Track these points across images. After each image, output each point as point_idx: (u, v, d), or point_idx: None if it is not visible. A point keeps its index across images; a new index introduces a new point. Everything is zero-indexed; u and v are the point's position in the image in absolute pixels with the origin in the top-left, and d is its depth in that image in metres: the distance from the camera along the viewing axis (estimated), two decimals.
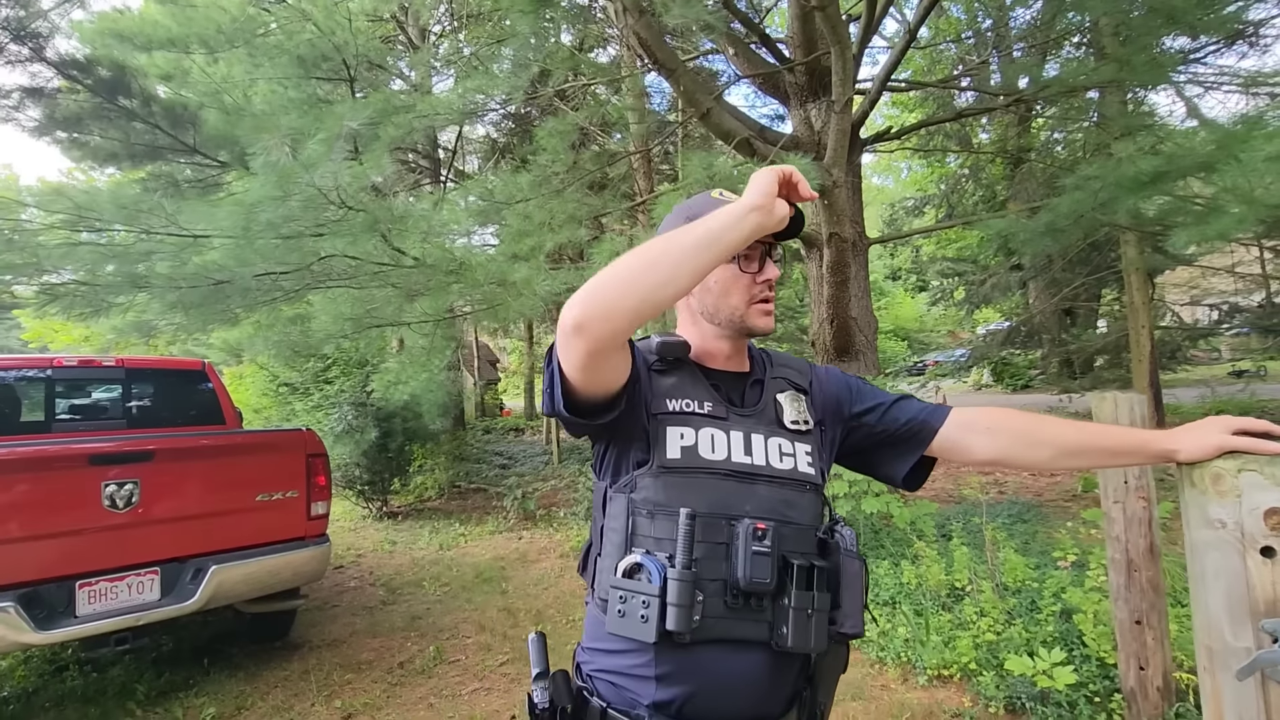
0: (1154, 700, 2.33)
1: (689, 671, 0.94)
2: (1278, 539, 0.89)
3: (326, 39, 7.00)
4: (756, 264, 1.05)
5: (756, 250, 1.05)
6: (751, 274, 1.05)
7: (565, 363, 0.89)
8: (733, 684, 0.95)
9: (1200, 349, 14.47)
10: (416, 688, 3.32)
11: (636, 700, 0.96)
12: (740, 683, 0.95)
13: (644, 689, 0.96)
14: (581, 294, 0.83)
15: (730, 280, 1.06)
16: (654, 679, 0.95)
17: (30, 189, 2.66)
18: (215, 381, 4.82)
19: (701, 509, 0.95)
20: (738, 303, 1.05)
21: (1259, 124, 4.20)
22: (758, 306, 1.05)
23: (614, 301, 0.82)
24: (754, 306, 1.05)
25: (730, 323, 1.07)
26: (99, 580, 2.85)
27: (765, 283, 1.05)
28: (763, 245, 1.05)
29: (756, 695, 0.96)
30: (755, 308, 1.05)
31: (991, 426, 1.08)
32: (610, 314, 0.82)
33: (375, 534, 6.99)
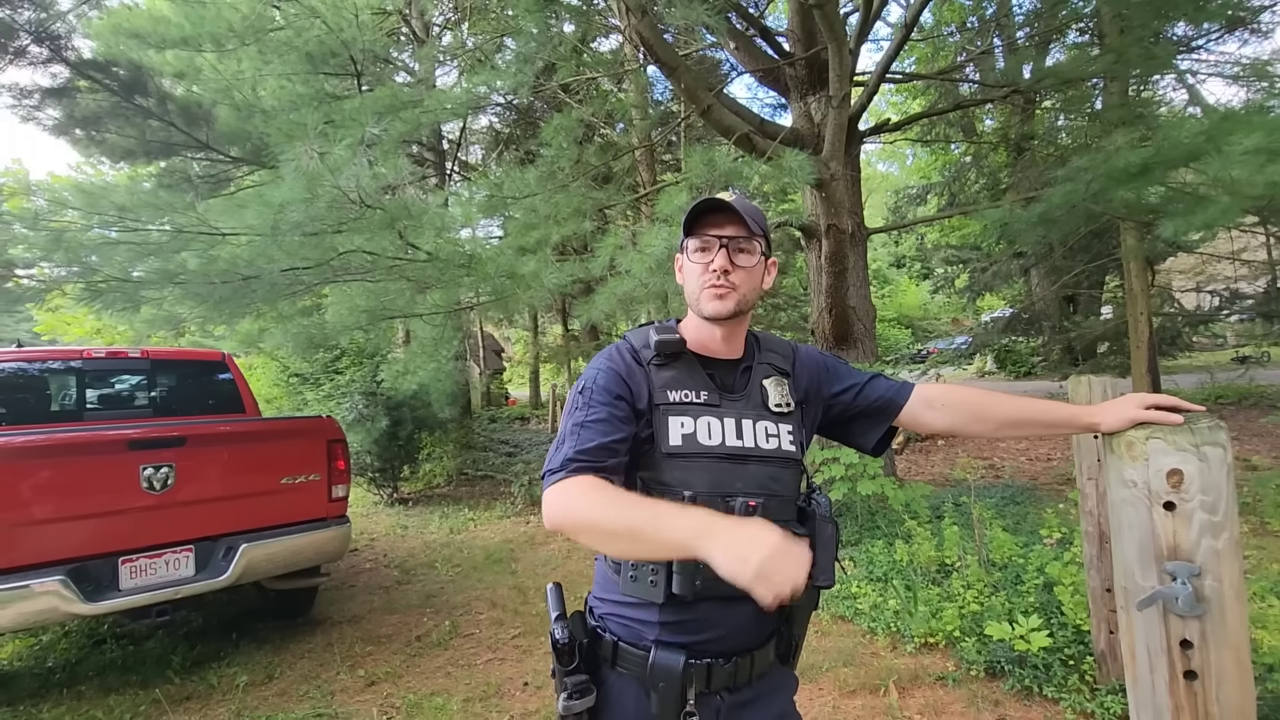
0: (1122, 661, 2.49)
1: (689, 620, 1.13)
2: (1177, 495, 1.05)
3: (335, 35, 7.14)
4: (710, 255, 1.17)
5: (711, 242, 1.16)
6: (704, 264, 1.17)
7: None
8: (725, 627, 1.14)
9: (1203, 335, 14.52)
10: (434, 658, 3.52)
11: (643, 635, 1.14)
12: (731, 626, 1.14)
13: (648, 631, 1.15)
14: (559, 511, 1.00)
15: (688, 269, 1.21)
16: (658, 624, 1.14)
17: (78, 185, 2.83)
18: (235, 372, 5.01)
19: (701, 489, 1.11)
20: (693, 288, 1.19)
21: (1243, 115, 4.31)
22: (707, 292, 1.16)
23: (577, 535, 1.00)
24: (704, 292, 1.17)
25: (694, 309, 1.21)
26: (139, 557, 3.06)
27: (713, 271, 1.15)
28: (718, 239, 1.16)
29: (744, 634, 1.15)
30: (705, 294, 1.17)
31: (946, 403, 1.25)
32: (576, 537, 1.02)
33: (387, 519, 7.21)
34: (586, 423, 1.10)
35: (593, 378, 1.18)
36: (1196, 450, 1.05)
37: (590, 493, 0.99)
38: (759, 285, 1.22)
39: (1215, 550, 1.05)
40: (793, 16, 6.01)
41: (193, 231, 2.82)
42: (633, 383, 1.16)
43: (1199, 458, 1.05)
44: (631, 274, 3.59)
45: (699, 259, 1.18)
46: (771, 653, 1.21)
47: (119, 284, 2.80)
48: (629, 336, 1.27)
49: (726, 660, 1.13)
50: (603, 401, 1.13)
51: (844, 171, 5.05)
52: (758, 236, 1.18)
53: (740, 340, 1.26)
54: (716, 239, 1.16)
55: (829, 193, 4.59)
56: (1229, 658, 1.04)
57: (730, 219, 1.17)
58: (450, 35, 12.10)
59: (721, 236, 1.16)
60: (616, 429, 1.10)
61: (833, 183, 4.60)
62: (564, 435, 1.12)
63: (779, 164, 3.80)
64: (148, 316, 3.37)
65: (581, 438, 1.08)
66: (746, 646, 1.16)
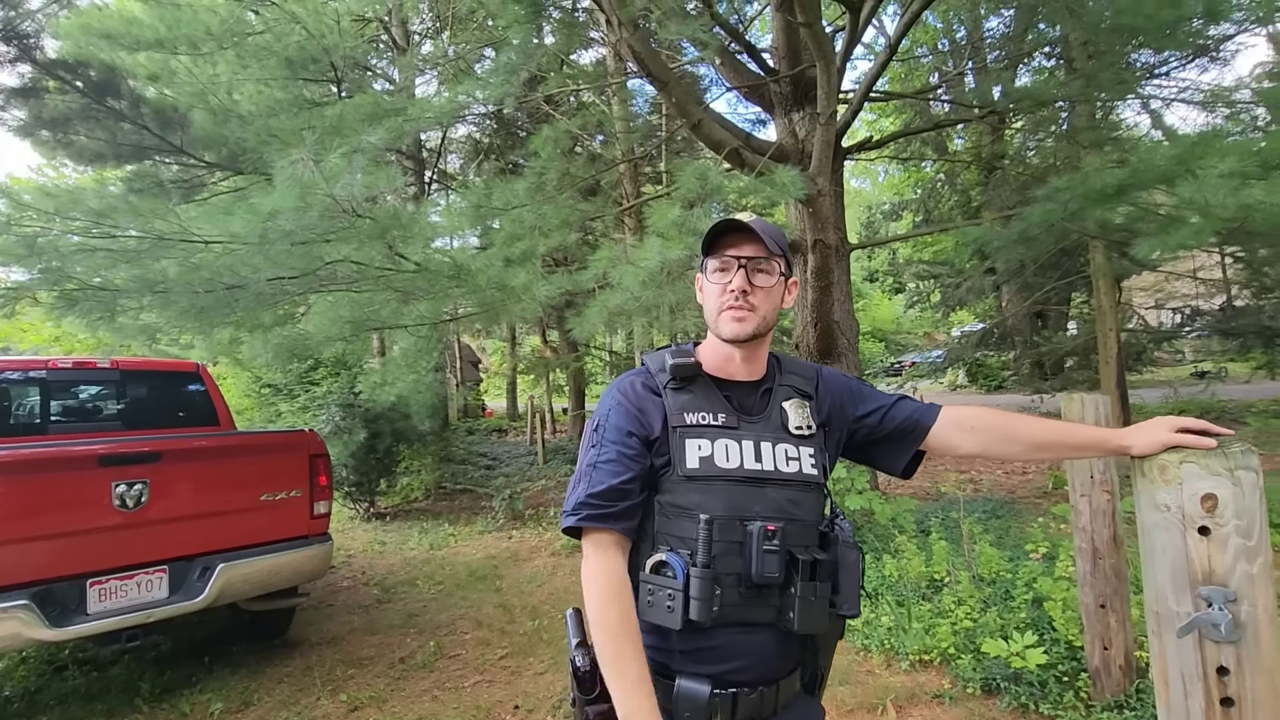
0: (1116, 678, 2.52)
1: (709, 648, 1.10)
2: (1211, 520, 1.05)
3: (315, 41, 7.04)
4: (729, 275, 1.16)
5: (730, 263, 1.16)
6: (722, 284, 1.16)
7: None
8: (748, 656, 1.11)
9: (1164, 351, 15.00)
10: (419, 681, 3.41)
11: (668, 666, 1.11)
12: (753, 655, 1.11)
13: (673, 661, 1.12)
14: (585, 583, 1.09)
15: (707, 290, 1.19)
16: (679, 653, 1.11)
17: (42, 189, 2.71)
18: (209, 383, 4.86)
19: (718, 512, 1.09)
20: (711, 310, 1.18)
21: (1215, 140, 4.46)
22: (727, 313, 1.16)
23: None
24: (722, 315, 1.16)
25: (712, 329, 1.20)
26: (109, 578, 2.91)
27: (732, 292, 1.15)
28: (736, 259, 1.15)
29: (768, 664, 1.12)
30: (723, 315, 1.16)
31: (975, 425, 1.24)
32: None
33: (364, 535, 7.03)
34: (599, 463, 1.13)
35: (605, 414, 1.19)
36: (1230, 475, 1.05)
37: (604, 597, 1.06)
38: (778, 305, 1.21)
39: (1250, 575, 1.04)
40: (777, 34, 6.09)
41: (173, 239, 2.72)
42: (644, 416, 1.16)
43: (1233, 482, 1.05)
44: (623, 287, 3.57)
45: (717, 279, 1.17)
46: (797, 683, 1.19)
47: (95, 292, 2.69)
48: (646, 361, 1.26)
49: (752, 690, 1.10)
50: (614, 440, 1.14)
51: (830, 187, 5.11)
52: (777, 257, 1.17)
53: (761, 362, 1.24)
54: (735, 259, 1.16)
55: (816, 208, 4.63)
56: (1264, 684, 1.04)
57: (749, 239, 1.16)
58: (431, 44, 12.03)
59: (740, 257, 1.15)
60: (627, 468, 1.11)
61: (820, 198, 4.64)
62: (580, 474, 1.15)
63: (770, 179, 3.82)
64: (123, 326, 3.24)
65: (594, 479, 1.11)
66: (772, 676, 1.13)
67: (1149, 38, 5.15)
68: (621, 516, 1.11)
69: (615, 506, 1.10)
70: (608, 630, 1.04)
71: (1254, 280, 10.34)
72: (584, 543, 1.12)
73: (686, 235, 3.67)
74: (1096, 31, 5.43)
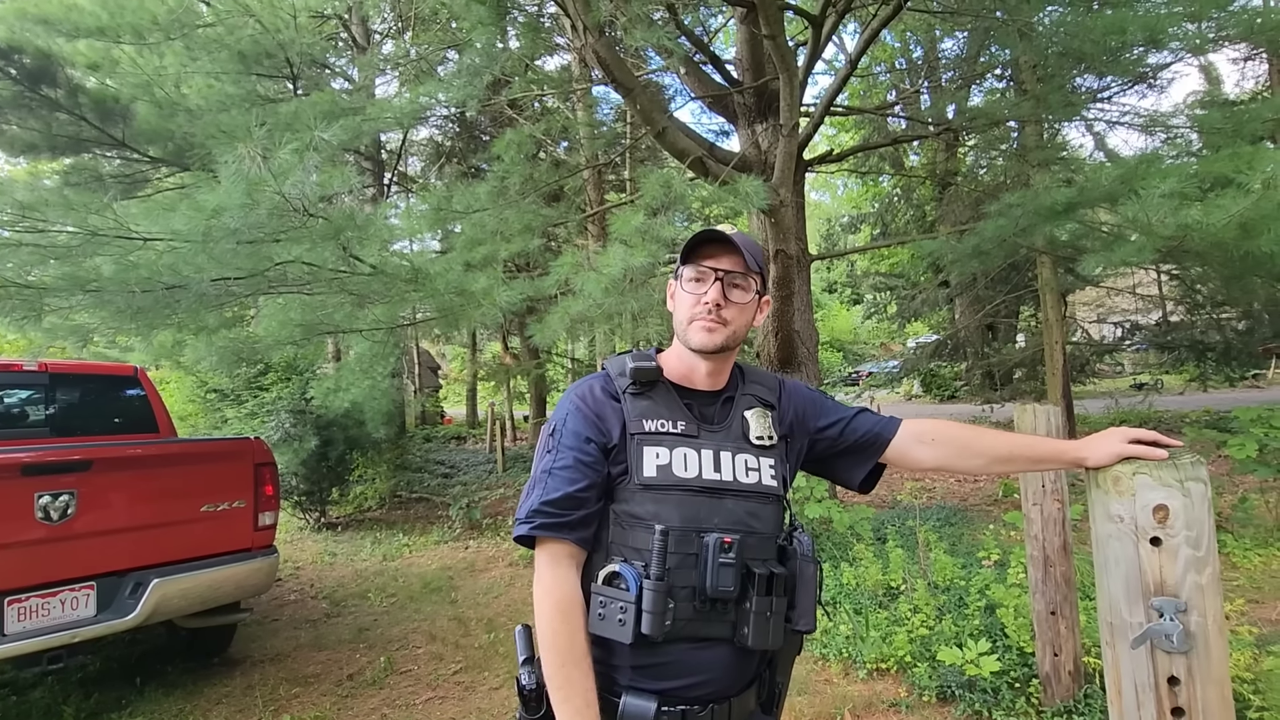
0: (1066, 683, 2.57)
1: (661, 664, 1.06)
2: (1163, 530, 1.07)
3: (271, 36, 6.84)
4: (704, 287, 1.13)
5: (707, 275, 1.13)
6: (697, 295, 1.14)
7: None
8: (702, 673, 1.07)
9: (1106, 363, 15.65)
10: (368, 699, 3.28)
11: (615, 681, 1.07)
12: (706, 672, 1.08)
13: (620, 676, 1.07)
14: (537, 597, 1.06)
15: (680, 298, 1.17)
16: (629, 668, 1.07)
17: None
18: (148, 387, 4.62)
19: (674, 523, 1.06)
20: (681, 318, 1.16)
21: (1156, 161, 4.67)
22: (698, 324, 1.13)
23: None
24: (692, 325, 1.14)
25: (681, 338, 1.17)
26: (30, 596, 2.72)
27: (705, 305, 1.13)
28: (714, 271, 1.13)
29: (720, 680, 1.09)
30: (694, 325, 1.14)
31: (936, 438, 1.24)
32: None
33: (314, 545, 6.79)
34: (554, 469, 1.09)
35: (562, 419, 1.15)
36: (1181, 485, 1.07)
37: (553, 617, 1.03)
38: (750, 322, 1.19)
39: (1199, 585, 1.06)
40: (741, 46, 6.16)
41: (109, 235, 2.57)
42: (603, 422, 1.13)
43: (1183, 493, 1.07)
44: (586, 294, 3.52)
45: (692, 289, 1.15)
46: (752, 700, 1.15)
47: (19, 290, 2.51)
48: (606, 365, 1.22)
49: (703, 708, 1.07)
50: (570, 446, 1.11)
51: (791, 198, 5.18)
52: (754, 273, 1.16)
53: (725, 374, 1.22)
54: (713, 271, 1.13)
55: (778, 219, 4.68)
56: (1214, 694, 1.05)
57: (729, 252, 1.14)
58: (392, 44, 11.81)
59: (718, 269, 1.13)
60: (583, 475, 1.08)
61: (782, 209, 4.69)
62: (534, 480, 1.12)
63: (733, 188, 3.84)
64: (53, 326, 3.04)
65: (548, 486, 1.08)
66: (724, 693, 1.09)
67: (1094, 63, 5.37)
68: (577, 526, 1.07)
69: (570, 515, 1.07)
70: (556, 652, 1.02)
71: (1187, 297, 10.88)
72: (537, 554, 1.08)
73: (650, 243, 3.65)
74: (1046, 56, 5.64)
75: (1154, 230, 3.84)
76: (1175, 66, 6.35)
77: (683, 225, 7.17)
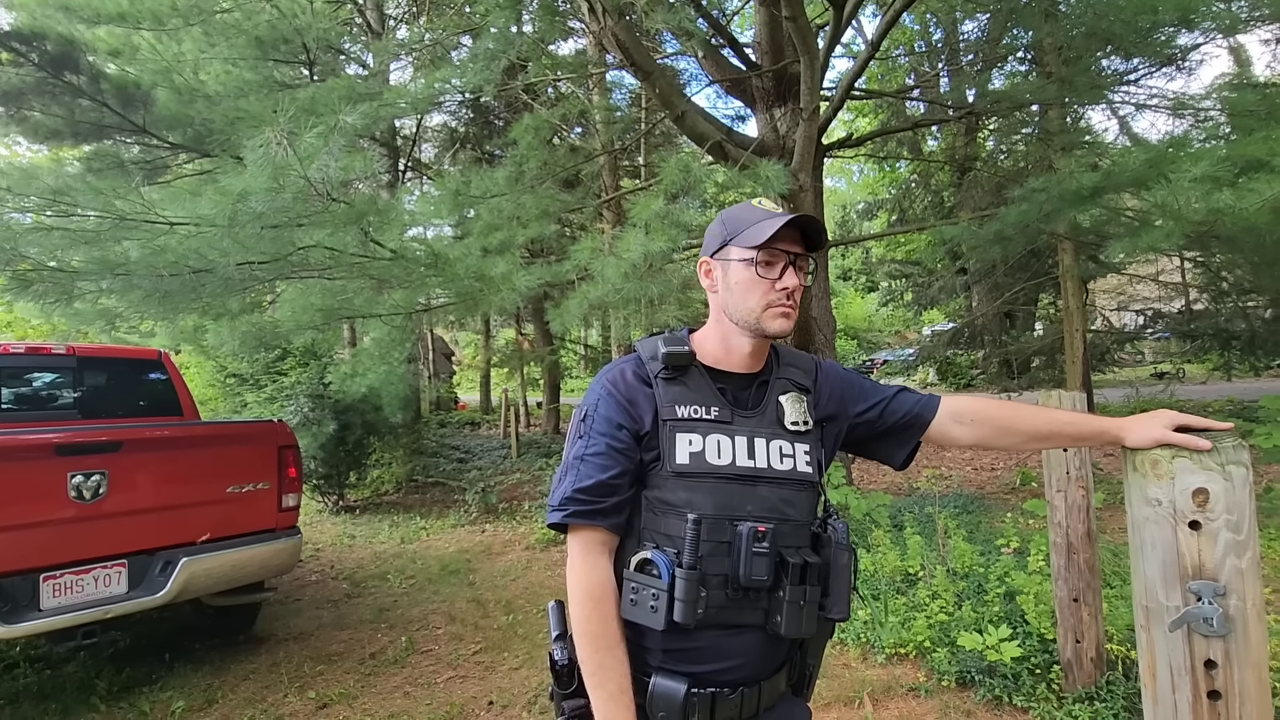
0: (1088, 670, 2.56)
1: (692, 649, 1.07)
2: (1202, 514, 1.05)
3: (288, 21, 6.84)
4: (777, 271, 1.11)
5: (780, 258, 1.11)
6: (771, 280, 1.10)
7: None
8: (733, 657, 1.08)
9: (1126, 352, 15.42)
10: (391, 677, 3.34)
11: (646, 662, 1.08)
12: (737, 657, 1.08)
13: (652, 657, 1.08)
14: (570, 583, 1.07)
15: (749, 283, 1.11)
16: (661, 651, 1.08)
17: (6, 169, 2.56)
18: (172, 371, 4.69)
19: (708, 511, 1.05)
20: (754, 305, 1.11)
21: (1186, 145, 4.57)
22: (773, 310, 1.11)
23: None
24: (768, 311, 1.11)
25: (745, 323, 1.13)
26: (64, 573, 2.79)
27: (783, 290, 1.10)
28: (787, 255, 1.11)
29: (751, 665, 1.09)
30: (769, 312, 1.11)
31: (974, 418, 1.22)
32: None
33: (332, 528, 6.89)
34: (586, 456, 1.09)
35: (594, 404, 1.13)
36: (1222, 469, 1.05)
37: (587, 603, 1.05)
38: None
39: (1239, 569, 1.05)
40: (760, 29, 6.07)
41: (136, 220, 2.60)
42: (634, 408, 1.11)
43: (1224, 477, 1.05)
44: (605, 279, 3.52)
45: (766, 273, 1.11)
46: (783, 683, 1.16)
47: (51, 274, 2.55)
48: (638, 347, 1.20)
49: (733, 691, 1.07)
50: (602, 432, 1.09)
51: (811, 183, 5.13)
52: (814, 254, 1.15)
53: (763, 353, 1.20)
54: (785, 254, 1.12)
55: (798, 204, 4.64)
56: (1251, 677, 1.05)
57: (792, 235, 1.11)
58: (407, 29, 11.78)
59: (790, 252, 1.12)
60: (616, 462, 1.08)
61: (801, 194, 4.65)
62: (566, 466, 1.11)
63: (753, 173, 3.81)
64: (80, 310, 3.09)
65: (581, 473, 1.08)
66: (755, 677, 1.10)
67: (1121, 44, 5.24)
68: (610, 513, 1.07)
69: (604, 502, 1.06)
70: (590, 639, 1.03)
71: (1212, 285, 10.67)
72: (570, 540, 1.08)
73: (670, 228, 3.63)
74: (1071, 37, 5.51)
75: (1183, 215, 3.76)
76: (1205, 48, 6.19)
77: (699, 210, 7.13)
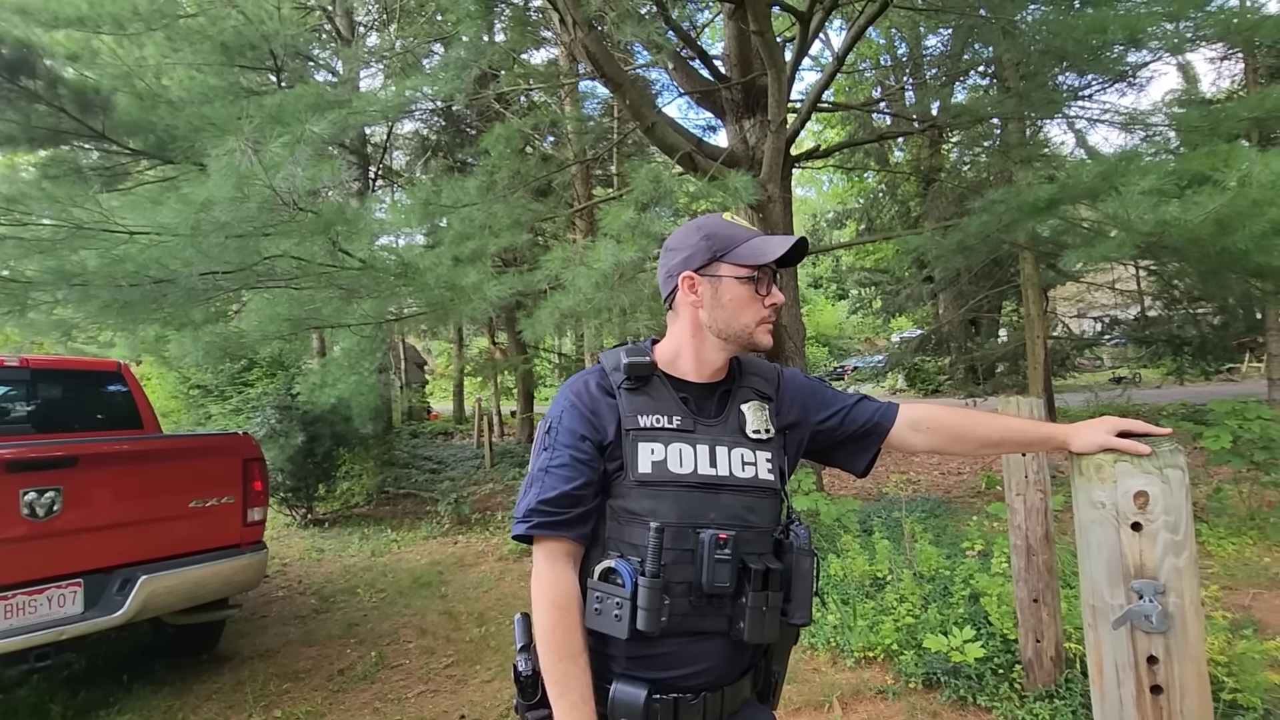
0: (1048, 668, 2.64)
1: (655, 656, 1.08)
2: (1143, 516, 1.11)
3: (254, 27, 6.75)
4: (766, 288, 1.17)
5: (767, 275, 1.16)
6: (762, 297, 1.16)
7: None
8: (694, 663, 1.10)
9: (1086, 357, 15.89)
10: (359, 693, 3.29)
11: (609, 670, 1.09)
12: (701, 663, 1.10)
13: (615, 665, 1.10)
14: (534, 594, 1.08)
15: (745, 300, 1.15)
16: (624, 658, 1.09)
17: None
18: (132, 383, 4.57)
19: (670, 519, 1.07)
20: (748, 321, 1.16)
21: (1137, 159, 4.75)
22: (764, 325, 1.17)
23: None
24: (760, 326, 1.17)
25: (737, 339, 1.17)
26: (16, 593, 2.69)
27: (772, 306, 1.17)
28: (770, 272, 1.17)
29: (715, 671, 1.11)
30: (762, 327, 1.17)
31: (931, 425, 1.27)
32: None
33: (301, 542, 6.76)
34: (550, 468, 1.10)
35: (558, 416, 1.15)
36: (1160, 472, 1.11)
37: (551, 613, 1.06)
38: None
39: (1177, 568, 1.10)
40: (729, 42, 6.17)
41: (94, 229, 2.54)
42: (598, 418, 1.13)
43: (1162, 479, 1.11)
44: (576, 288, 3.53)
45: (761, 291, 1.16)
46: (747, 689, 1.18)
47: (4, 284, 2.47)
48: (602, 359, 1.23)
49: (695, 696, 1.09)
50: (566, 443, 1.11)
51: (779, 194, 5.21)
52: (783, 270, 1.22)
53: (728, 365, 1.24)
54: (771, 271, 1.17)
55: (766, 214, 4.71)
56: (1191, 671, 1.10)
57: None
58: (377, 36, 11.70)
59: (770, 267, 1.17)
60: (580, 473, 1.10)
61: (770, 204, 4.72)
62: (531, 478, 1.13)
63: (722, 183, 3.86)
64: (34, 321, 3.01)
65: (545, 484, 1.09)
66: (718, 682, 1.12)
67: (1075, 61, 5.44)
68: (575, 523, 1.09)
69: (568, 513, 1.08)
70: (554, 648, 1.04)
71: (1165, 292, 11.08)
72: (535, 551, 1.10)
73: (640, 238, 3.66)
74: (1028, 54, 5.71)
75: (1133, 226, 3.91)
76: (1154, 65, 6.43)
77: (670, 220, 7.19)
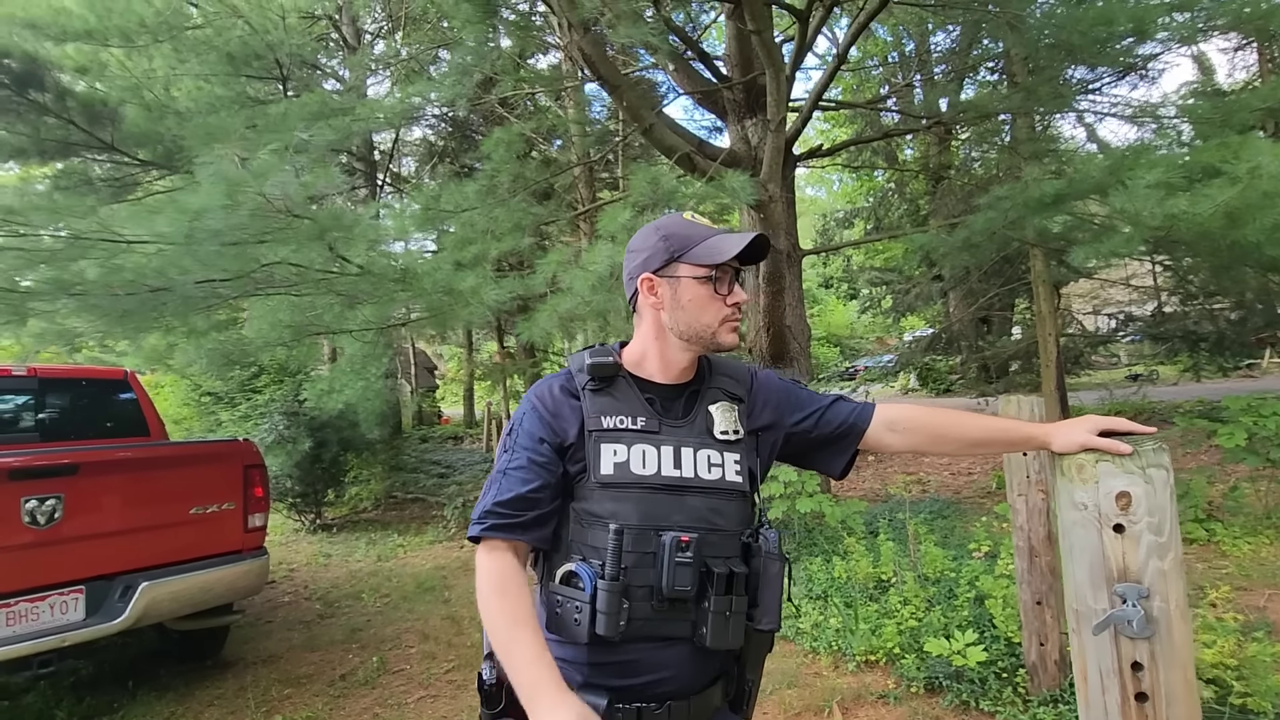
0: (1052, 672, 2.58)
1: (618, 663, 1.06)
2: (1126, 517, 1.07)
3: (260, 37, 6.82)
4: (726, 287, 1.14)
5: (727, 274, 1.14)
6: (723, 296, 1.14)
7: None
8: (658, 671, 1.07)
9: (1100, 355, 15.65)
10: (360, 699, 3.29)
11: (571, 679, 1.06)
12: (667, 669, 1.08)
13: (577, 673, 1.07)
14: (478, 587, 1.04)
15: (705, 300, 1.13)
16: (587, 665, 1.07)
17: None
18: (139, 391, 4.61)
19: (632, 521, 1.05)
20: (710, 321, 1.14)
21: (1144, 153, 4.67)
22: (727, 325, 1.15)
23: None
24: (723, 326, 1.15)
25: (699, 339, 1.15)
26: (18, 601, 2.72)
27: (734, 305, 1.15)
28: (731, 270, 1.15)
29: (681, 678, 1.09)
30: (725, 327, 1.15)
31: (909, 426, 1.24)
32: None
33: (308, 547, 6.80)
34: (509, 470, 1.10)
35: (520, 419, 1.15)
36: (1143, 473, 1.07)
37: (489, 592, 1.02)
38: None
39: (1162, 571, 1.07)
40: (729, 42, 6.15)
41: (93, 238, 2.57)
42: (559, 421, 1.12)
43: (1145, 480, 1.07)
44: (574, 291, 3.52)
45: (721, 290, 1.15)
46: (717, 697, 1.15)
47: (3, 294, 2.51)
48: (569, 362, 1.22)
49: (660, 705, 1.07)
50: (525, 446, 1.11)
51: (780, 194, 5.18)
52: (746, 267, 1.20)
53: (695, 366, 1.22)
54: (732, 270, 1.16)
55: (767, 214, 4.67)
56: (1177, 678, 1.06)
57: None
58: (383, 44, 11.79)
59: (731, 265, 1.15)
60: (536, 475, 1.08)
61: (771, 204, 4.69)
62: (490, 480, 1.13)
63: (721, 184, 3.84)
64: (36, 330, 3.04)
65: (502, 487, 1.09)
66: (684, 690, 1.09)
67: (1083, 54, 5.36)
68: (529, 526, 1.07)
69: (522, 516, 1.06)
70: (501, 621, 0.99)
71: (1180, 287, 10.88)
72: (479, 551, 1.07)
73: None
74: (1036, 48, 5.63)
75: (1141, 221, 3.84)
76: (1166, 57, 6.32)
77: None
